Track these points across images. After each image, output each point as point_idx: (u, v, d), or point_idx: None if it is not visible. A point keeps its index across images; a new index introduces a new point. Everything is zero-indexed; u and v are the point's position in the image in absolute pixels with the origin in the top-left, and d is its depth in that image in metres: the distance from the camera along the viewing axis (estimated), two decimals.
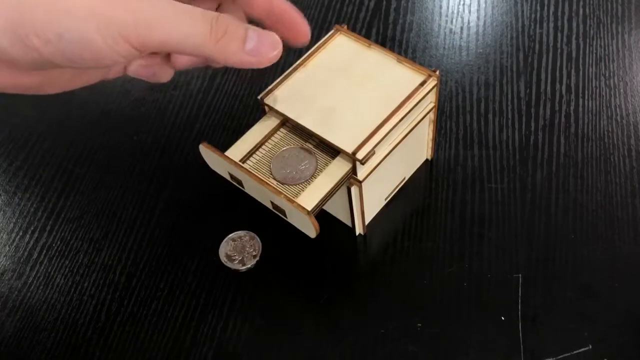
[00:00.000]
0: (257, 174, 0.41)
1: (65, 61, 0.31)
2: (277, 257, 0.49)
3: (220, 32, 0.32)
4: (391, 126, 0.42)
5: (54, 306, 0.47)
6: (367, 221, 0.48)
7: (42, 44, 0.29)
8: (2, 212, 0.53)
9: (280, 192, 0.40)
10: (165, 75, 0.37)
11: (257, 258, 0.47)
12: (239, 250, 0.48)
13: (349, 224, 0.48)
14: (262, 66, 0.35)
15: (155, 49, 0.31)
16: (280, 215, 0.42)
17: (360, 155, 0.40)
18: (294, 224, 0.42)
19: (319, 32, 0.62)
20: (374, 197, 0.48)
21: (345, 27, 0.47)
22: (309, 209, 0.40)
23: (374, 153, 0.41)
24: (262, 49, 0.34)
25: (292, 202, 0.39)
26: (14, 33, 0.29)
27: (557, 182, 0.50)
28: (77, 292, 0.48)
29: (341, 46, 0.46)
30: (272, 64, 0.35)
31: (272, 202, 0.41)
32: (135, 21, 0.30)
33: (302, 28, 0.38)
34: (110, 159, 0.55)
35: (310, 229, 0.40)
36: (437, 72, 0.44)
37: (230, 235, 0.49)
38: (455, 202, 0.50)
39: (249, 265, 0.47)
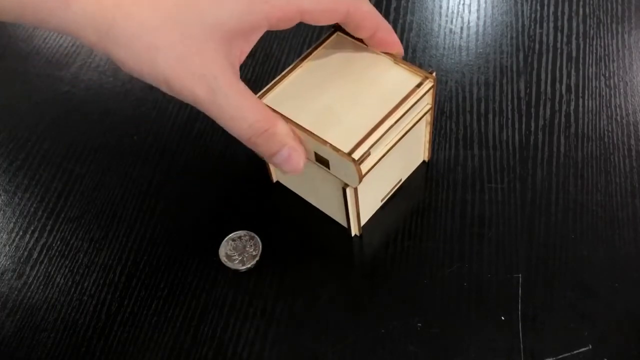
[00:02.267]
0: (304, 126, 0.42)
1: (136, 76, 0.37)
2: (277, 257, 0.49)
3: (257, 142, 0.38)
4: (387, 127, 0.42)
5: (54, 306, 0.47)
6: (363, 222, 0.48)
7: (125, 68, 0.36)
8: (2, 212, 0.53)
9: (326, 142, 0.41)
10: None
11: (257, 258, 0.47)
12: (239, 250, 0.48)
13: (345, 224, 0.48)
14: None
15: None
16: (324, 168, 0.43)
17: (356, 155, 0.40)
18: (337, 176, 0.43)
19: (319, 31, 0.62)
20: (369, 198, 0.48)
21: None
22: (357, 158, 0.40)
23: (369, 154, 0.41)
24: (284, 167, 0.40)
25: (338, 151, 0.40)
26: (107, 56, 0.36)
27: (557, 182, 0.50)
28: (77, 292, 0.48)
29: (339, 46, 0.46)
30: (271, 64, 0.36)
31: (315, 154, 0.42)
32: (194, 103, 0.37)
33: (396, 49, 0.45)
34: (110, 159, 0.55)
35: (354, 177, 0.41)
36: (434, 74, 0.44)
37: (230, 235, 0.49)
38: (455, 202, 0.50)
39: (249, 265, 0.47)
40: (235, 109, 0.37)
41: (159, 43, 0.34)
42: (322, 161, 0.42)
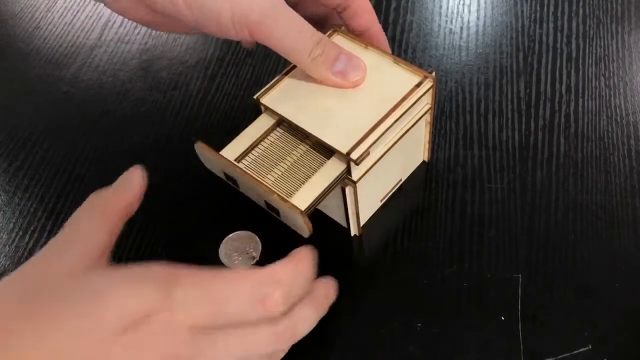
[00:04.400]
0: (251, 173, 0.41)
1: (194, 23, 0.38)
2: (277, 257, 0.49)
3: (318, 52, 0.40)
4: (386, 127, 0.42)
5: None
6: (362, 222, 0.48)
7: (186, 7, 0.37)
8: (2, 212, 0.53)
9: (273, 191, 0.40)
10: None
11: (257, 258, 0.47)
12: (239, 250, 0.48)
13: (344, 224, 0.48)
14: (345, 87, 0.42)
15: (263, 42, 0.39)
16: (275, 215, 0.42)
17: (354, 155, 0.40)
18: (287, 224, 0.42)
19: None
20: (369, 198, 0.47)
21: (343, 27, 0.47)
22: (302, 208, 0.40)
23: (368, 154, 0.41)
24: (347, 73, 0.42)
25: (286, 201, 0.39)
26: None
27: (557, 182, 0.50)
28: None
29: None
30: (271, 63, 0.36)
31: (266, 202, 0.41)
32: (261, 20, 0.38)
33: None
34: (110, 159, 0.55)
35: (303, 228, 0.40)
36: (434, 74, 0.44)
37: (230, 235, 0.49)
38: (455, 202, 0.50)
39: (249, 265, 0.47)
40: (297, 24, 0.39)
41: None
42: (273, 210, 0.42)
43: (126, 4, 0.40)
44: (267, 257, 0.48)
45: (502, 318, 0.44)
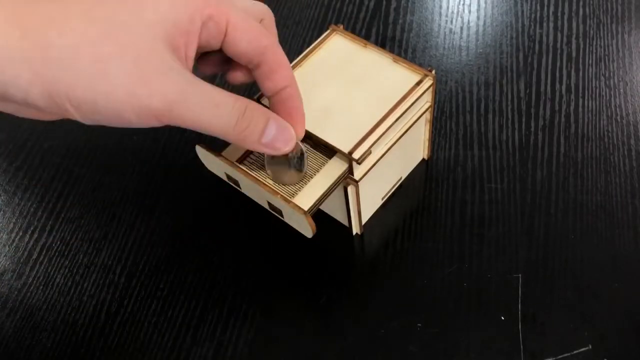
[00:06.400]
0: (253, 174, 0.41)
1: (91, 122, 0.32)
2: (276, 257, 0.49)
3: (243, 125, 0.34)
4: (387, 126, 0.42)
5: (54, 306, 0.47)
6: (364, 221, 0.48)
7: (75, 110, 0.31)
8: (2, 212, 0.53)
9: (276, 192, 0.40)
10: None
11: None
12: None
13: (346, 223, 0.48)
14: (275, 154, 0.38)
15: (180, 126, 0.33)
16: (277, 215, 0.42)
17: (356, 155, 0.40)
18: (290, 224, 0.42)
19: (319, 31, 0.62)
20: (370, 197, 0.48)
21: (342, 26, 0.47)
22: (306, 209, 0.40)
23: (370, 153, 0.41)
24: (277, 143, 0.37)
25: (289, 202, 0.39)
26: (50, 98, 0.30)
27: (557, 182, 0.50)
28: (77, 292, 0.48)
29: (337, 46, 0.46)
30: None
31: (268, 202, 0.41)
32: (169, 108, 0.32)
33: (297, 123, 0.38)
34: (110, 159, 0.55)
35: (307, 229, 0.40)
36: (433, 72, 0.44)
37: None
38: (455, 202, 0.50)
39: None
40: (212, 99, 0.33)
41: (107, 51, 0.30)
42: (276, 210, 0.42)
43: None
44: (267, 257, 0.48)
45: (502, 318, 0.44)
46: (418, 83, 0.44)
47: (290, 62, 0.46)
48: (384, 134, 0.42)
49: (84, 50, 0.29)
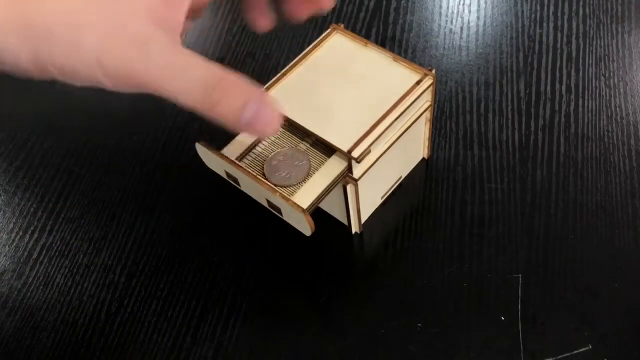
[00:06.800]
0: (253, 172, 0.41)
1: (82, 84, 0.33)
2: (276, 256, 0.49)
3: (214, 98, 0.31)
4: (387, 125, 0.42)
5: (54, 306, 0.47)
6: (363, 220, 0.48)
7: (60, 75, 0.32)
8: (2, 212, 0.53)
9: (276, 190, 0.40)
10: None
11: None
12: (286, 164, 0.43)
13: (345, 222, 0.48)
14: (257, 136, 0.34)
15: (155, 94, 0.32)
16: (277, 213, 0.42)
17: (355, 153, 0.40)
18: (289, 222, 0.42)
19: (319, 31, 0.62)
20: (370, 196, 0.48)
21: (342, 26, 0.47)
22: (305, 207, 0.40)
23: (369, 151, 0.41)
24: (258, 125, 0.32)
25: (288, 200, 0.39)
26: (36, 63, 0.31)
27: (557, 182, 0.50)
28: (77, 292, 0.48)
29: (337, 45, 0.46)
30: (271, 64, 0.35)
31: (267, 201, 0.41)
32: (136, 74, 0.31)
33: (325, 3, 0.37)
34: (110, 159, 0.55)
35: (305, 227, 0.40)
36: (433, 71, 0.44)
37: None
38: (454, 202, 0.50)
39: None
40: (180, 66, 0.31)
41: (83, 19, 0.30)
42: (275, 209, 0.42)
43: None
44: (267, 257, 0.48)
45: (502, 318, 0.44)
46: (418, 82, 0.44)
47: (291, 61, 0.46)
48: (383, 132, 0.42)
49: (61, 18, 0.30)
